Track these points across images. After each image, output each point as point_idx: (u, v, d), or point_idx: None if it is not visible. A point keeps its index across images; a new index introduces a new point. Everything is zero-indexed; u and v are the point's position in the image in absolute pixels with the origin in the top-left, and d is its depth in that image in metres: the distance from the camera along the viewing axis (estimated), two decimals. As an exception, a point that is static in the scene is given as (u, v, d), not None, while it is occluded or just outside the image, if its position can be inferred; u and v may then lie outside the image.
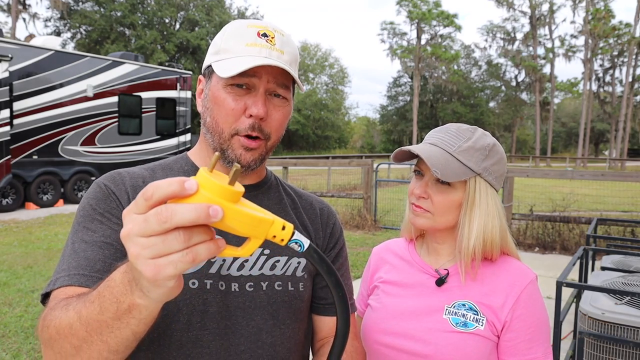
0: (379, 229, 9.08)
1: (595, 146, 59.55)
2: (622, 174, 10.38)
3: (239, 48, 0.92)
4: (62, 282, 0.81)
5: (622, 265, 3.21)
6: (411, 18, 45.41)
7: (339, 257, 1.12)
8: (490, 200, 1.09)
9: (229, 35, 0.95)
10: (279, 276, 0.98)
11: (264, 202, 1.03)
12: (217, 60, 0.94)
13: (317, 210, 1.11)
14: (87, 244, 0.85)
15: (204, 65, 1.00)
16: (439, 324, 1.08)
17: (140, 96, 13.27)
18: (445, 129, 1.13)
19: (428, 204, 1.11)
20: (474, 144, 1.08)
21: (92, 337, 0.66)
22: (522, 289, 1.07)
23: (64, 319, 0.70)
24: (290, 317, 0.99)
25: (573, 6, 44.61)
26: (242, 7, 48.87)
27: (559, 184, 12.51)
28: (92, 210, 0.90)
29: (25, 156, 10.82)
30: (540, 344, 1.06)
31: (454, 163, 1.06)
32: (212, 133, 0.95)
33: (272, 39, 0.93)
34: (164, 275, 0.54)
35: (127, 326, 0.64)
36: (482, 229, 1.07)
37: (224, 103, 0.92)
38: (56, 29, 36.02)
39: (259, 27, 0.94)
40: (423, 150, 1.08)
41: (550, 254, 7.39)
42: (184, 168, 1.02)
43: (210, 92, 0.95)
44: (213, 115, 0.94)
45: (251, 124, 0.92)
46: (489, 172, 1.09)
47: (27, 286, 5.18)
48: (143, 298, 0.60)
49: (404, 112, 51.85)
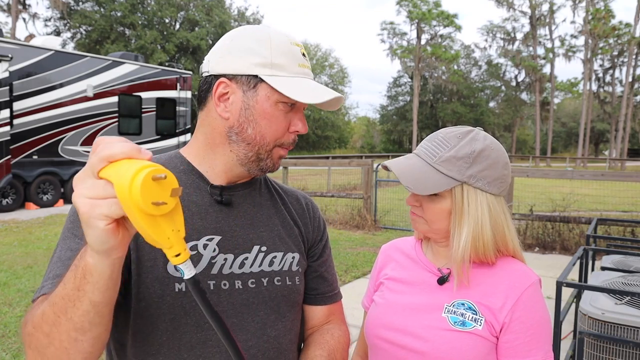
0: (379, 229, 9.08)
1: (595, 146, 59.55)
2: (622, 174, 10.38)
3: (293, 68, 0.96)
4: (46, 290, 0.83)
5: (622, 265, 3.21)
6: (411, 18, 45.42)
7: (325, 249, 1.16)
8: (480, 207, 1.07)
9: (279, 50, 0.95)
10: (277, 271, 1.01)
11: (257, 200, 1.06)
12: (272, 75, 0.93)
13: (304, 205, 1.15)
14: (72, 252, 0.86)
15: (234, 69, 0.94)
16: (438, 321, 1.08)
17: (140, 96, 13.27)
18: (433, 137, 1.13)
19: (420, 211, 1.13)
20: (457, 153, 1.07)
21: (59, 318, 0.71)
22: (522, 291, 1.07)
23: (37, 312, 0.76)
24: (290, 310, 1.03)
25: (573, 6, 44.60)
26: (242, 7, 48.88)
27: (559, 184, 12.50)
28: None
29: (25, 156, 10.82)
30: (540, 347, 1.05)
31: (433, 175, 1.07)
32: (250, 144, 0.96)
33: (307, 58, 1.01)
34: (96, 213, 0.60)
35: (84, 295, 0.69)
36: (471, 236, 1.07)
37: (276, 120, 0.95)
38: (56, 29, 36.03)
39: (299, 46, 0.99)
40: (399, 165, 1.11)
41: (550, 254, 7.39)
42: (179, 167, 1.01)
43: (258, 105, 0.94)
44: (259, 128, 0.95)
45: (294, 138, 1.00)
46: (476, 178, 1.07)
47: (27, 286, 5.18)
48: (92, 255, 0.66)
49: (404, 112, 51.86)
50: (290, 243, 1.06)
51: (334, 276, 1.18)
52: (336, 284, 1.18)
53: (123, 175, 0.57)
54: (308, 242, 1.11)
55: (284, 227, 1.07)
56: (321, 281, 1.13)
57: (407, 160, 1.12)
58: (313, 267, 1.12)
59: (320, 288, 1.13)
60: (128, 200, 0.57)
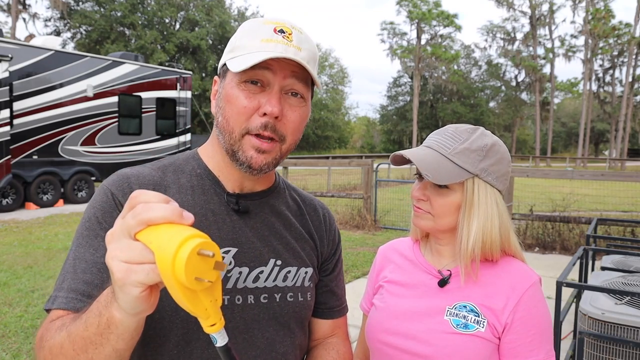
0: (379, 229, 9.08)
1: (595, 146, 59.54)
2: (622, 174, 10.38)
3: (254, 44, 0.88)
4: (60, 304, 0.82)
5: (622, 265, 3.21)
6: (411, 18, 45.42)
7: (338, 263, 1.13)
8: (490, 201, 1.08)
9: (245, 32, 0.91)
10: (291, 287, 0.98)
11: (275, 208, 1.01)
12: (232, 58, 0.89)
13: (321, 216, 1.10)
14: (87, 263, 0.85)
15: (219, 65, 0.96)
16: (440, 325, 1.08)
17: (140, 96, 13.26)
18: (442, 131, 1.13)
19: (427, 206, 1.11)
20: (470, 145, 1.08)
21: (79, 355, 0.69)
22: (523, 291, 1.07)
23: (56, 340, 0.73)
24: (299, 326, 1.00)
25: (573, 6, 44.60)
26: (242, 7, 48.88)
27: (559, 184, 12.51)
28: (97, 224, 0.87)
29: (25, 156, 10.82)
30: (542, 347, 1.06)
31: (448, 165, 1.06)
32: (223, 133, 0.91)
33: (289, 35, 0.89)
34: (132, 280, 0.56)
35: (107, 342, 0.66)
36: (482, 230, 1.07)
37: (236, 101, 0.88)
38: (56, 29, 36.02)
39: (275, 24, 0.90)
40: (415, 154, 1.08)
41: (550, 254, 7.39)
42: (196, 171, 0.97)
43: (223, 91, 0.91)
44: (225, 114, 0.90)
45: (264, 122, 0.87)
46: (487, 172, 1.08)
47: (27, 286, 5.17)
48: (119, 310, 0.62)
49: (404, 112, 51.85)
50: (305, 257, 1.02)
51: (343, 290, 1.15)
52: (344, 297, 1.15)
53: (165, 246, 0.53)
54: (322, 256, 1.07)
55: (299, 240, 1.02)
56: (331, 295, 1.10)
57: (422, 150, 1.10)
58: (324, 282, 1.09)
59: (330, 302, 1.10)
60: (169, 273, 0.53)
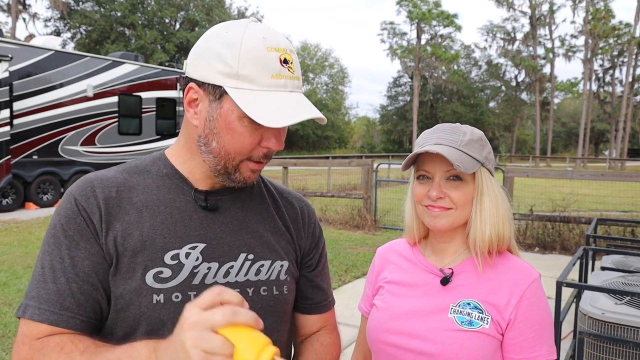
0: (379, 229, 9.09)
1: (595, 146, 59.54)
2: (622, 174, 10.39)
3: (264, 80, 0.84)
4: (32, 315, 0.83)
5: (622, 265, 3.21)
6: (411, 18, 45.40)
7: (322, 258, 1.13)
8: (496, 187, 1.13)
9: (248, 58, 0.84)
10: (264, 281, 0.97)
11: (247, 204, 1.01)
12: (236, 88, 0.84)
13: (298, 210, 1.09)
14: (55, 273, 0.85)
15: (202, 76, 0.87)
16: (445, 323, 1.09)
17: (140, 96, 13.26)
18: (439, 129, 1.15)
19: (447, 202, 1.11)
20: (472, 136, 1.12)
21: None
22: (526, 287, 1.09)
23: None
24: (276, 321, 0.99)
25: (573, 6, 44.59)
26: (242, 7, 48.85)
27: (559, 184, 12.49)
28: (62, 231, 0.88)
29: (25, 156, 10.81)
30: (544, 341, 1.08)
31: (465, 157, 1.09)
32: (217, 157, 0.90)
33: (291, 64, 0.87)
34: None
35: None
36: (494, 214, 1.10)
37: (240, 137, 0.87)
38: (56, 29, 36.04)
39: (279, 51, 0.85)
40: (440, 149, 1.08)
41: (550, 254, 7.39)
42: (162, 171, 0.96)
43: (221, 119, 0.87)
44: (223, 143, 0.88)
45: (265, 153, 0.91)
46: (487, 160, 1.14)
47: (26, 286, 5.16)
48: None
49: (404, 112, 51.85)
50: (280, 250, 1.01)
51: (328, 283, 1.15)
52: (330, 290, 1.15)
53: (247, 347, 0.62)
54: (301, 250, 1.07)
55: (274, 234, 1.02)
56: (317, 290, 1.10)
57: (437, 147, 1.10)
58: (309, 277, 1.09)
59: (316, 298, 1.10)
60: None
